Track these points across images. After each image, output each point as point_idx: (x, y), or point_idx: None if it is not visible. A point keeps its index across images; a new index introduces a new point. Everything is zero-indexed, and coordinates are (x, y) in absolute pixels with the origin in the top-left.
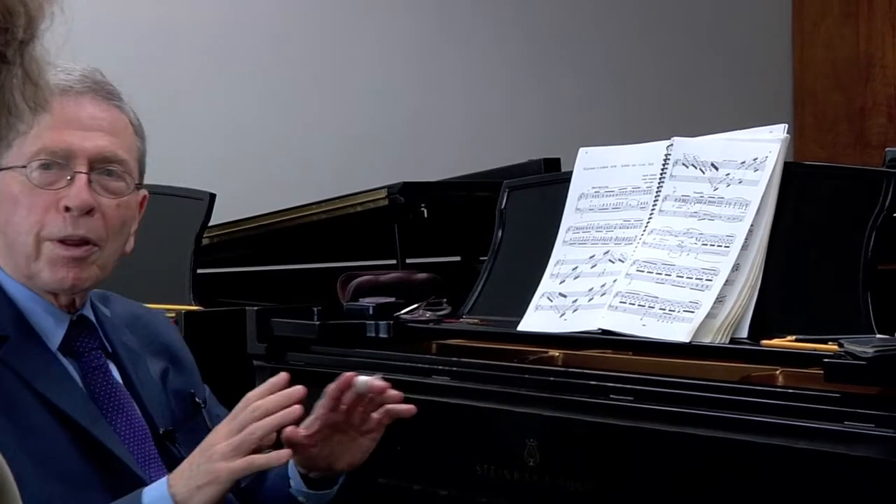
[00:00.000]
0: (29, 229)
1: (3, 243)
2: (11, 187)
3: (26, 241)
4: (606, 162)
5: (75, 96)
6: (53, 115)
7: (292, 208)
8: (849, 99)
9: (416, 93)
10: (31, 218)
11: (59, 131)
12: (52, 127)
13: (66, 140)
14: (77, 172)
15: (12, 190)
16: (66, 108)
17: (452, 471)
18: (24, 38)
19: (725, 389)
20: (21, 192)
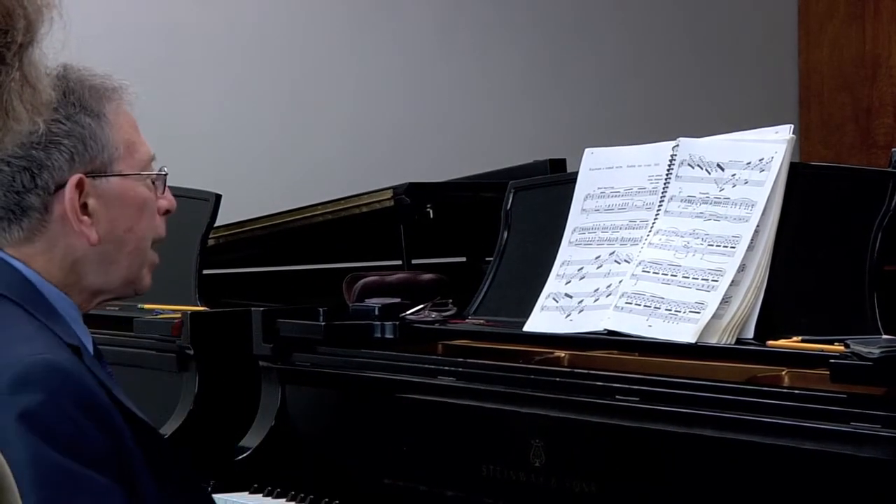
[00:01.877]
0: (152, 233)
1: (110, 249)
2: (140, 192)
3: (145, 246)
4: (612, 162)
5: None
6: (132, 122)
7: (298, 209)
8: (855, 99)
9: (421, 93)
10: (153, 223)
11: (143, 137)
12: (139, 133)
13: (150, 148)
14: (163, 174)
15: (141, 195)
16: (131, 115)
17: (458, 471)
18: (23, 41)
19: (731, 390)
20: (149, 198)
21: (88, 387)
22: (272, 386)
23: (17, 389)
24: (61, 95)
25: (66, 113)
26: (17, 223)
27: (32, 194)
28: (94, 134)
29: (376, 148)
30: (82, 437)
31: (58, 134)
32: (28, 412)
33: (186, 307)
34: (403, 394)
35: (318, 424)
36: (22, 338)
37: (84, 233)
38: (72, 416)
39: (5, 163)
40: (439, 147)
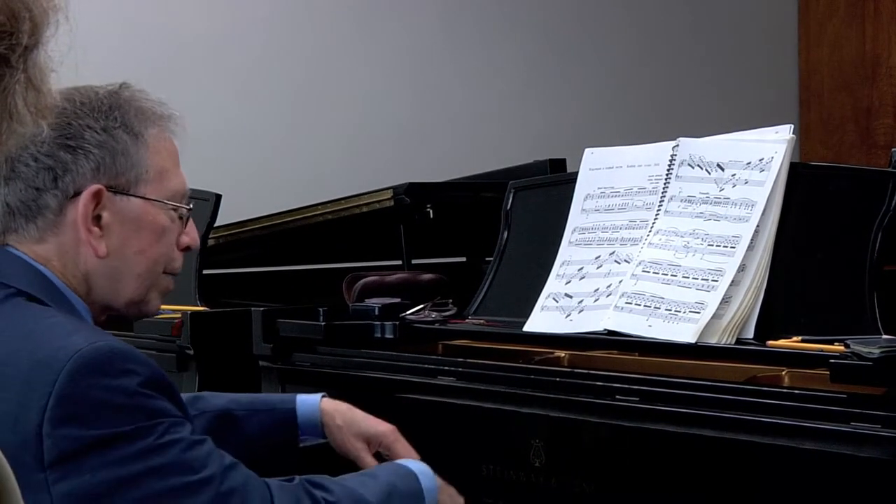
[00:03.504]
0: (165, 263)
1: (116, 265)
2: (159, 219)
3: (155, 271)
4: (612, 162)
5: (174, 132)
6: (176, 150)
7: (298, 209)
8: (855, 99)
9: (421, 94)
10: (168, 253)
11: (180, 169)
12: (177, 164)
13: (185, 181)
14: (189, 211)
15: (160, 223)
16: (174, 144)
17: (458, 471)
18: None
19: (731, 390)
20: (168, 228)
21: (152, 364)
22: (272, 386)
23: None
24: (107, 108)
25: (105, 125)
26: (32, 221)
27: (50, 194)
28: (126, 150)
29: (377, 148)
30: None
31: (90, 142)
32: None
33: (186, 307)
34: (403, 394)
35: None
36: (68, 330)
37: (91, 243)
38: (139, 392)
39: (33, 158)
40: (439, 147)
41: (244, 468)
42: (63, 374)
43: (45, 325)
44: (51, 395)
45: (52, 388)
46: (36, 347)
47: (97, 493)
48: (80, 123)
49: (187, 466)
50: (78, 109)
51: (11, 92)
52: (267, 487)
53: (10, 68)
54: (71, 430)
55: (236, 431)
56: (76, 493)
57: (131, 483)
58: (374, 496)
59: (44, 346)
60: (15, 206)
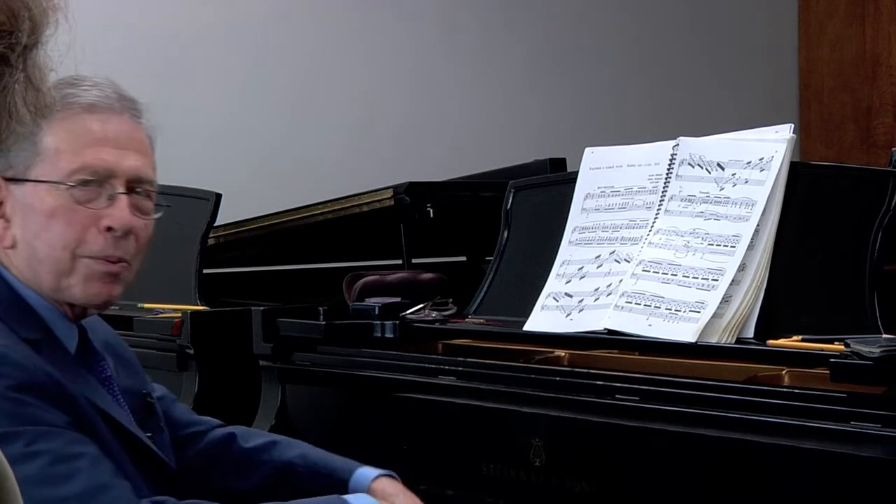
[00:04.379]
0: (66, 245)
1: (27, 255)
2: (46, 201)
3: (61, 256)
4: (612, 162)
5: (110, 114)
6: (89, 132)
7: (298, 208)
8: (855, 99)
9: (422, 93)
10: (68, 234)
11: (97, 149)
12: (89, 144)
13: (106, 159)
14: (118, 193)
15: (47, 204)
16: (103, 125)
17: (458, 470)
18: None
19: (731, 389)
20: (58, 208)
21: (30, 369)
22: (272, 385)
23: None
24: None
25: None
26: None
27: None
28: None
29: (377, 147)
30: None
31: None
32: None
33: (186, 306)
34: (403, 393)
35: (319, 423)
36: None
37: (1, 235)
38: (7, 397)
39: None
40: (440, 146)
41: (119, 489)
42: None
43: None
44: None
45: None
46: None
47: None
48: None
49: (51, 480)
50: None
51: (11, 91)
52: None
53: (9, 67)
54: None
55: (293, 487)
56: None
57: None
58: None
59: None
60: None
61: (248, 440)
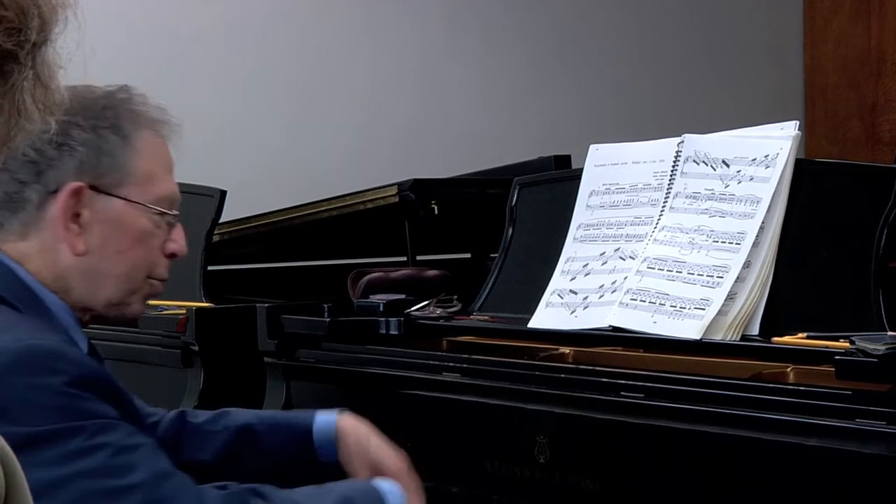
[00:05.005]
0: (146, 267)
1: (96, 266)
2: (138, 223)
3: (138, 276)
4: (617, 159)
5: (169, 138)
6: (168, 159)
7: (303, 205)
8: (860, 95)
9: (427, 90)
10: (149, 258)
11: (171, 177)
12: (168, 171)
13: (175, 189)
14: (177, 221)
15: (138, 226)
16: (167, 150)
17: (462, 467)
18: (37, 40)
19: (736, 387)
20: (146, 232)
21: (85, 364)
22: (277, 382)
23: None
24: (99, 109)
25: (94, 124)
26: (15, 214)
27: (32, 188)
28: (111, 151)
29: (382, 145)
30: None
31: (76, 139)
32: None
33: (191, 303)
34: (408, 390)
35: None
36: (3, 328)
37: (70, 240)
38: (66, 393)
39: (22, 153)
40: (445, 144)
41: (181, 476)
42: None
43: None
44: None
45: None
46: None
47: None
48: (68, 121)
49: (115, 471)
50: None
51: (20, 88)
52: (199, 499)
53: (18, 64)
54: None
55: (255, 447)
56: None
57: (59, 485)
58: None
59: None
60: (0, 197)
61: (197, 416)
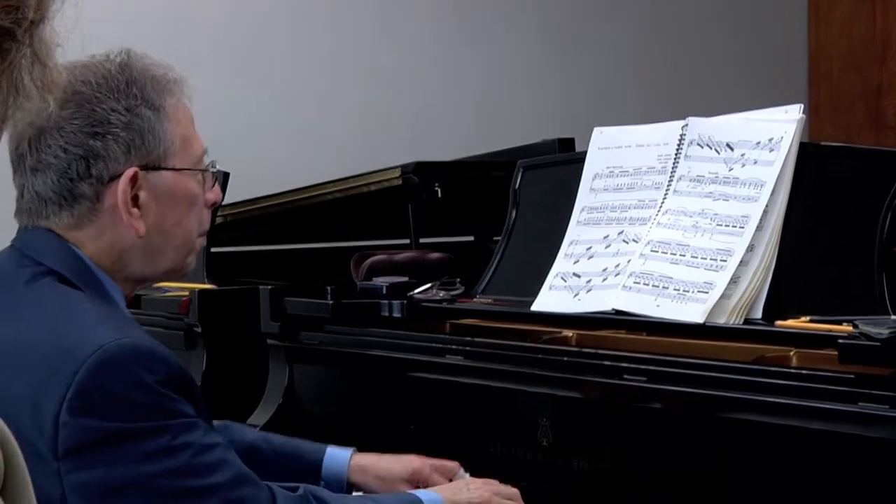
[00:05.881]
0: (199, 227)
1: (157, 243)
2: (190, 188)
3: (195, 239)
4: (621, 142)
5: (186, 95)
6: (191, 114)
7: (306, 187)
8: (864, 79)
9: (430, 73)
10: (200, 217)
11: (196, 131)
12: (194, 126)
13: (203, 142)
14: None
15: (190, 191)
16: (189, 108)
17: (465, 450)
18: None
19: (739, 370)
20: (198, 194)
21: (171, 363)
22: (280, 364)
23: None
24: (124, 85)
25: (127, 104)
26: (67, 208)
27: (85, 183)
28: (152, 127)
29: (385, 127)
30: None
31: (117, 125)
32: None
33: (194, 285)
34: (411, 372)
35: (326, 403)
36: (95, 320)
37: (133, 225)
38: (158, 392)
39: (62, 149)
40: (448, 126)
41: (254, 477)
42: (85, 367)
43: (73, 313)
44: (70, 387)
45: (73, 380)
46: (61, 336)
47: (108, 489)
48: (103, 108)
49: (198, 471)
50: (97, 93)
51: (17, 66)
52: (272, 500)
53: (15, 42)
54: (88, 420)
55: (260, 470)
56: (88, 485)
57: (143, 482)
58: None
59: (69, 336)
60: (46, 195)
61: None
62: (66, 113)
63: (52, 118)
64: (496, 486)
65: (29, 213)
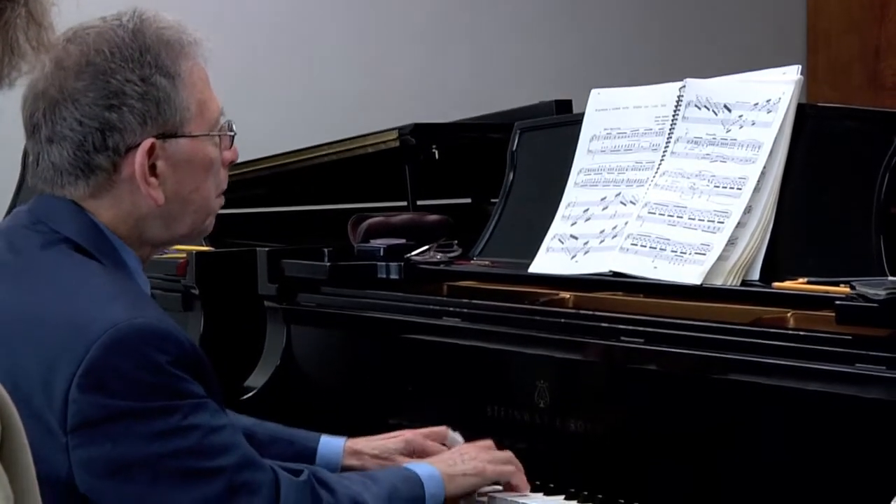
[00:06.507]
0: (216, 189)
1: (176, 210)
2: (208, 152)
3: (213, 202)
4: (618, 103)
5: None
6: (206, 75)
7: (303, 149)
8: (863, 40)
9: (428, 34)
10: (218, 179)
11: (213, 92)
12: (210, 88)
13: (219, 102)
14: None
15: (209, 155)
16: (204, 70)
17: (463, 412)
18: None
19: (736, 332)
20: (215, 158)
21: (184, 343)
22: (277, 326)
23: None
24: (138, 54)
25: (142, 74)
26: (83, 179)
27: (102, 155)
28: (167, 96)
29: (385, 90)
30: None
31: (132, 96)
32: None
33: (192, 247)
34: (408, 334)
35: (323, 364)
36: (109, 296)
37: (151, 195)
38: (168, 372)
39: (77, 122)
40: (445, 88)
41: (259, 460)
42: (97, 345)
43: (88, 287)
44: (81, 364)
45: (84, 357)
46: (75, 311)
47: (115, 466)
48: (118, 79)
49: (205, 452)
50: (111, 63)
51: (13, 26)
52: (276, 484)
53: (11, 2)
54: (98, 397)
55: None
56: (94, 461)
57: (149, 462)
58: (374, 499)
59: (82, 312)
60: (62, 167)
61: None
62: (81, 85)
63: (67, 89)
64: (490, 454)
65: (45, 181)
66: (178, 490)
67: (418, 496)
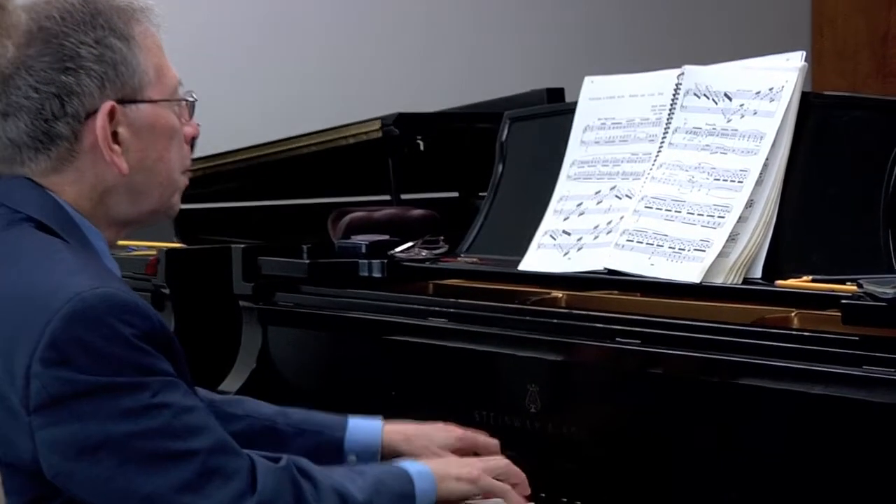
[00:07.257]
0: (181, 163)
1: (140, 180)
2: (169, 120)
3: (178, 176)
4: (613, 92)
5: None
6: (159, 44)
7: (281, 140)
8: (870, 25)
9: (416, 20)
10: (181, 152)
11: (168, 61)
12: (165, 56)
13: (175, 72)
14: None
15: (170, 123)
16: (157, 37)
17: (450, 417)
18: None
19: (738, 332)
20: (176, 127)
21: (151, 318)
22: (253, 327)
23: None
24: (89, 17)
25: (96, 36)
26: (44, 152)
27: (62, 122)
28: (124, 58)
29: (365, 76)
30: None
31: (87, 59)
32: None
33: (162, 243)
34: (392, 336)
35: (302, 368)
36: (71, 269)
37: (115, 162)
38: (136, 346)
39: (33, 89)
40: (432, 76)
41: (233, 445)
42: (59, 316)
43: (49, 261)
44: (42, 336)
45: (45, 329)
46: (35, 282)
47: (80, 448)
48: (71, 42)
49: (177, 433)
50: (64, 27)
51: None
52: (252, 471)
53: None
54: (62, 372)
55: (279, 447)
56: (59, 442)
57: (118, 442)
58: (359, 492)
59: (42, 283)
60: (20, 140)
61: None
62: (33, 51)
63: (19, 59)
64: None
65: (3, 160)
66: (147, 473)
67: (407, 492)
